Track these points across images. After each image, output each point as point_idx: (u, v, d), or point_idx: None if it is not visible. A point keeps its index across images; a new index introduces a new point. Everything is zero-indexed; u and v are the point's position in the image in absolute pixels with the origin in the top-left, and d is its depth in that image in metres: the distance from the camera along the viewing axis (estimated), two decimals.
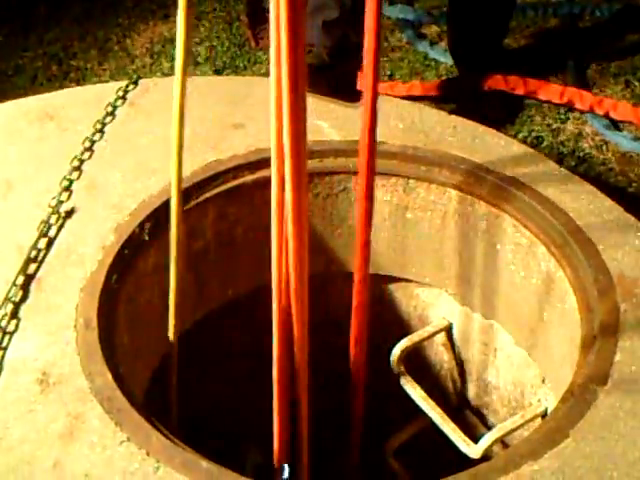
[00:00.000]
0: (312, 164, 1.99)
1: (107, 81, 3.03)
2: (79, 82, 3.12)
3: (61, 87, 2.93)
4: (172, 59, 3.19)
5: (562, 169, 1.89)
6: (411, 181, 1.99)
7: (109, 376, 1.41)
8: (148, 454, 1.28)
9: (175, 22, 3.27)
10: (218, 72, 3.04)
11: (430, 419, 1.96)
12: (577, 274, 1.66)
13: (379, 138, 2.06)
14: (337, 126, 2.07)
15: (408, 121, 2.08)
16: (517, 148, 1.96)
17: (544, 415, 1.81)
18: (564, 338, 1.75)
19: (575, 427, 1.32)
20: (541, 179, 1.85)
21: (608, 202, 1.83)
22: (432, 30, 3.26)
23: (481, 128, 2.03)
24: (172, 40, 3.31)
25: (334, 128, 2.07)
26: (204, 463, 1.26)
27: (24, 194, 1.87)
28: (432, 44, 3.15)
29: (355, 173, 2.06)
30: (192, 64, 3.12)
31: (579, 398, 1.36)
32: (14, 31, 3.45)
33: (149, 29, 3.39)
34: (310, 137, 2.01)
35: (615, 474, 1.26)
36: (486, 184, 1.88)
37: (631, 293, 1.58)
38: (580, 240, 1.70)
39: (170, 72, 3.08)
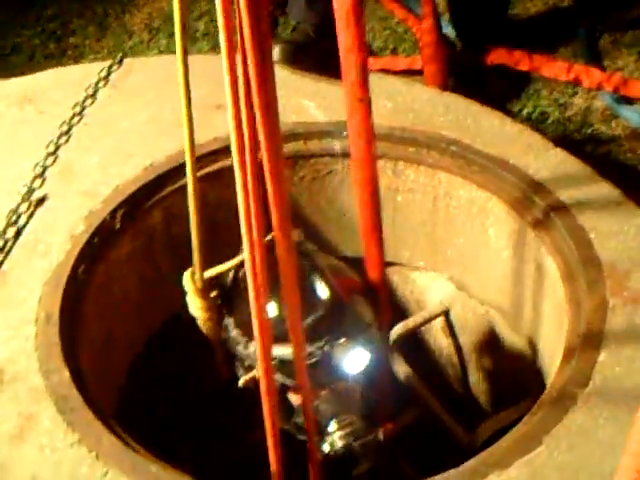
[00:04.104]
0: (296, 146, 1.92)
1: (104, 58, 2.96)
2: (77, 60, 3.06)
3: (59, 65, 2.85)
4: (170, 35, 3.14)
5: (558, 149, 1.78)
6: (400, 163, 1.90)
7: (66, 373, 1.36)
8: (97, 457, 1.22)
9: None
10: (215, 49, 2.95)
11: (427, 407, 1.89)
12: (567, 263, 1.57)
13: None
14: (323, 106, 1.98)
15: (397, 100, 1.98)
16: (510, 128, 1.85)
17: None
18: (558, 328, 1.67)
19: (549, 434, 1.22)
20: (533, 160, 1.75)
21: (607, 186, 1.72)
22: (438, 1, 3.13)
23: (475, 107, 1.93)
24: (172, 16, 3.23)
25: (320, 108, 1.98)
26: (154, 467, 1.20)
27: None
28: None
29: (343, 155, 1.99)
30: (190, 40, 3.04)
31: (556, 402, 1.27)
32: (13, 8, 3.39)
33: (148, 4, 3.30)
34: (294, 118, 1.97)
35: None
36: (475, 166, 1.79)
37: (622, 286, 1.47)
38: (571, 226, 1.60)
39: (167, 49, 3.01)
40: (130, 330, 1.86)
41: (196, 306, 1.47)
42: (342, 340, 1.32)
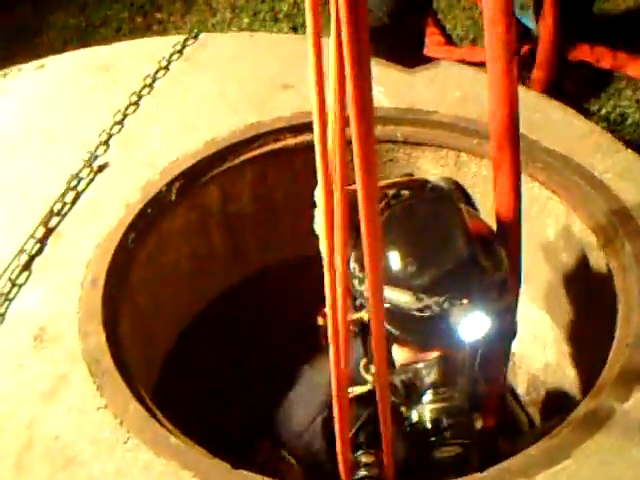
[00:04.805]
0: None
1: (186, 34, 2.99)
2: (160, 34, 3.11)
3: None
4: (253, 14, 3.16)
5: (629, 150, 1.69)
6: (462, 154, 1.85)
7: (102, 338, 1.38)
8: (121, 424, 1.24)
9: None
10: (295, 29, 2.95)
11: None
12: (625, 273, 1.49)
13: (431, 107, 1.94)
14: (390, 92, 1.94)
15: (467, 89, 1.92)
16: (582, 125, 1.78)
17: None
18: (608, 341, 1.59)
19: (580, 447, 1.16)
20: (600, 163, 1.67)
21: None
22: None
23: (545, 101, 1.86)
24: None
25: (387, 94, 1.94)
26: (173, 439, 1.21)
27: (63, 145, 1.86)
28: (522, 7, 2.92)
29: (405, 143, 1.95)
30: (271, 20, 3.05)
31: (591, 415, 1.20)
32: None
33: None
34: None
35: None
36: (540, 163, 1.72)
37: None
38: (634, 235, 1.53)
39: (248, 27, 3.03)
40: (177, 304, 1.88)
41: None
42: (465, 301, 1.15)
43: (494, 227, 1.33)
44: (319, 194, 1.32)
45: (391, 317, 1.14)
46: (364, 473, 1.25)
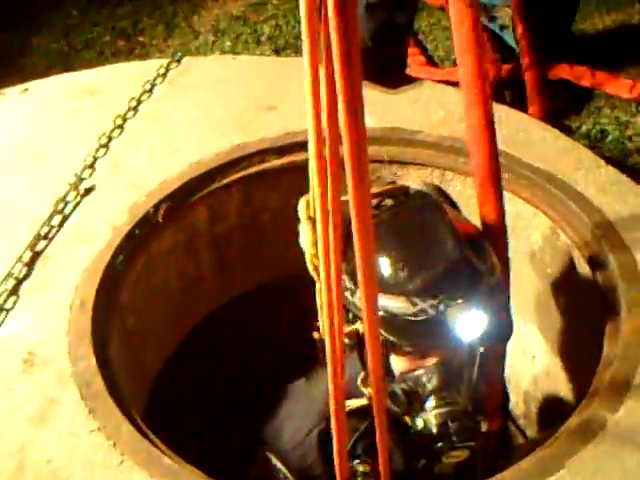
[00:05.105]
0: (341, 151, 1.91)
1: (169, 58, 3.01)
2: (143, 58, 3.12)
3: (126, 62, 2.92)
4: (236, 37, 3.18)
5: (609, 166, 1.72)
6: (447, 173, 1.87)
7: (93, 361, 1.38)
8: (115, 446, 1.23)
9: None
10: (277, 52, 2.97)
11: None
12: (611, 286, 1.51)
13: (415, 126, 1.96)
14: (373, 112, 1.96)
15: (450, 108, 1.95)
16: (564, 143, 1.81)
17: None
18: (596, 351, 1.61)
19: (574, 457, 1.18)
20: (583, 176, 1.70)
21: None
22: (505, 13, 3.07)
23: (527, 120, 1.89)
24: (238, 18, 3.28)
25: (370, 114, 1.96)
26: (167, 459, 1.21)
27: (49, 168, 1.86)
28: (502, 28, 2.97)
29: (390, 162, 1.97)
30: (254, 42, 3.07)
31: (584, 425, 1.22)
32: (90, 5, 3.49)
33: (217, 6, 3.35)
34: None
35: None
36: (524, 181, 1.74)
37: None
38: (618, 247, 1.55)
39: (230, 50, 3.05)
40: (167, 325, 1.88)
41: (305, 238, 1.26)
42: (459, 300, 1.13)
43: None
44: (303, 209, 1.32)
45: (387, 325, 1.14)
46: None
